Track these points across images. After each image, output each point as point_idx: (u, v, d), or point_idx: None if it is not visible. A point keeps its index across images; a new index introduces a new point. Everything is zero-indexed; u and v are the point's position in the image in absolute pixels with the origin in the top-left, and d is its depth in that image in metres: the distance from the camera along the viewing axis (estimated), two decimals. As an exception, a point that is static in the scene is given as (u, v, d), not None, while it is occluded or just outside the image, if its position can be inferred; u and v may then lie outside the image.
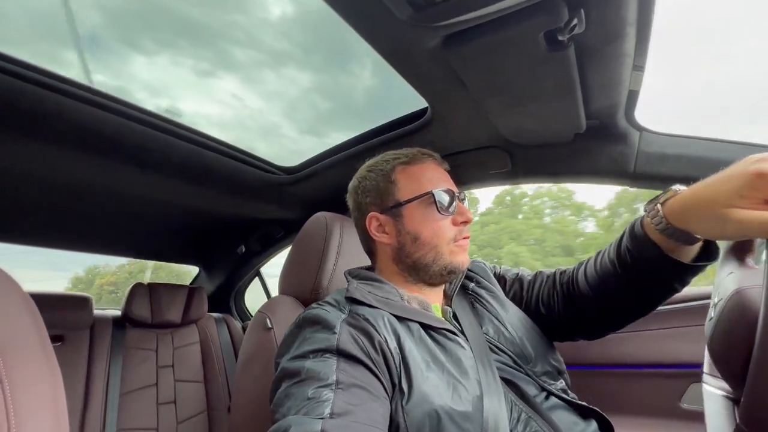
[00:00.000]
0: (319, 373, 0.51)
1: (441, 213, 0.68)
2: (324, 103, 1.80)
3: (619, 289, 0.62)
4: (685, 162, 0.87)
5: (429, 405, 0.53)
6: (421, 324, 0.62)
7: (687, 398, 0.87)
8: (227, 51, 1.41)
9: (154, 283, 1.63)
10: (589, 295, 0.66)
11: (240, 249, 1.72)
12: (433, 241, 0.68)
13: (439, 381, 0.55)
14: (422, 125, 0.97)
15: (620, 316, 0.67)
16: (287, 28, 1.30)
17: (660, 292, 0.60)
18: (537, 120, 0.87)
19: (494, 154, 1.04)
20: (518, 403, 0.58)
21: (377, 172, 0.73)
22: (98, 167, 1.06)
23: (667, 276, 0.56)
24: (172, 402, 1.48)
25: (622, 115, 0.87)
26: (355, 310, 0.62)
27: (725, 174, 0.46)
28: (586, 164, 0.96)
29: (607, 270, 0.62)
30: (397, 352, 0.57)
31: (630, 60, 0.71)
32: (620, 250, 0.59)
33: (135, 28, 1.19)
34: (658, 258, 0.54)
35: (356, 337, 0.56)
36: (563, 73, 0.70)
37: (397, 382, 0.55)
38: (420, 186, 0.69)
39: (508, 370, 0.62)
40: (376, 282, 0.69)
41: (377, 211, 0.71)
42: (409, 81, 0.81)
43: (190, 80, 1.42)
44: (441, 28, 0.63)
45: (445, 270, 0.68)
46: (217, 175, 1.21)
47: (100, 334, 1.42)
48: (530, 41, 0.63)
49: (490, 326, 0.70)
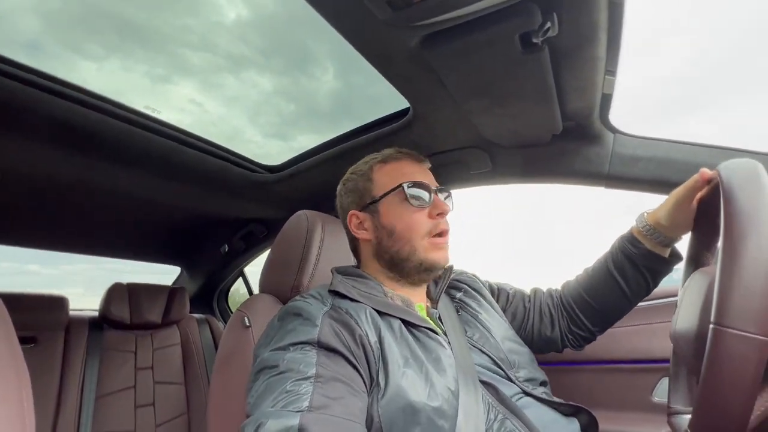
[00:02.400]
0: (298, 366, 0.51)
1: (413, 206, 0.69)
2: (288, 107, 1.80)
3: (612, 288, 0.74)
4: (656, 164, 0.90)
5: (404, 400, 0.53)
6: (403, 321, 0.63)
7: (657, 392, 0.90)
8: (182, 55, 1.39)
9: (133, 284, 1.60)
10: (587, 300, 0.77)
11: (223, 248, 1.70)
12: (407, 235, 0.68)
13: (416, 377, 0.55)
14: (404, 125, 0.98)
15: (611, 315, 0.77)
16: (243, 31, 1.30)
17: (644, 286, 0.72)
18: (515, 121, 0.89)
19: (475, 155, 1.06)
20: (495, 404, 0.59)
21: (358, 173, 0.76)
22: (75, 164, 1.04)
23: (652, 270, 0.71)
24: (151, 404, 1.45)
25: (596, 117, 0.90)
26: (338, 303, 0.62)
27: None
28: (564, 165, 0.99)
29: (602, 274, 0.75)
30: (377, 347, 0.57)
31: (602, 63, 0.74)
32: (614, 256, 0.74)
33: (79, 33, 1.17)
34: (646, 255, 0.69)
35: (337, 330, 0.56)
36: (539, 75, 0.72)
37: (375, 376, 0.55)
38: (393, 181, 0.71)
39: (487, 374, 0.64)
40: (360, 278, 0.70)
41: (356, 208, 0.74)
42: (391, 81, 0.82)
43: (144, 86, 1.39)
44: (420, 28, 0.64)
45: (422, 266, 0.69)
46: (199, 172, 1.20)
47: (75, 336, 1.38)
48: (506, 43, 0.64)
49: (475, 331, 0.71)
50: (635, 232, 0.71)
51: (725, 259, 0.40)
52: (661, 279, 0.72)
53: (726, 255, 0.40)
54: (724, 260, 0.40)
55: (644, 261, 0.70)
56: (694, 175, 0.61)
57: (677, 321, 0.54)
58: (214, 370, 0.77)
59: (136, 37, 1.24)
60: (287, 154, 1.27)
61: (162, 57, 1.37)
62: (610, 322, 0.77)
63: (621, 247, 0.73)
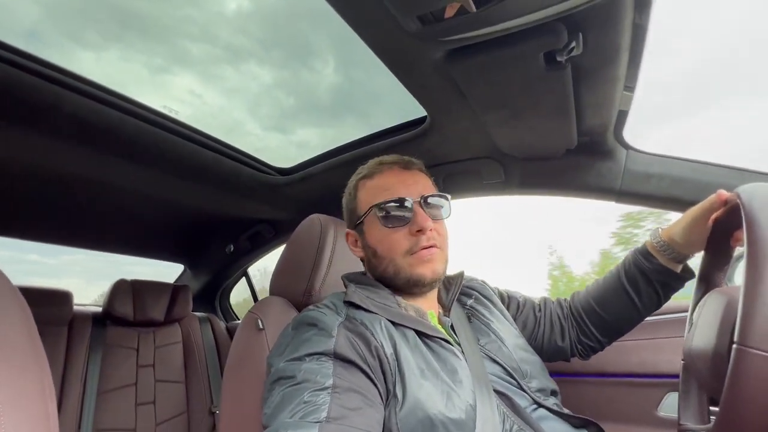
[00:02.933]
0: (315, 377, 0.51)
1: (387, 227, 0.66)
2: (288, 100, 1.78)
3: (624, 300, 0.74)
4: (668, 182, 0.91)
5: (422, 412, 0.53)
6: (417, 331, 0.63)
7: (663, 407, 0.90)
8: (181, 46, 1.38)
9: (137, 281, 1.59)
10: (597, 311, 0.77)
11: (229, 248, 1.70)
12: (389, 255, 0.67)
13: (433, 389, 0.55)
14: (420, 133, 0.99)
15: (621, 327, 0.77)
16: (244, 23, 1.29)
17: (656, 299, 0.73)
18: (532, 134, 0.90)
19: (488, 165, 1.07)
20: (510, 414, 0.59)
21: (348, 189, 0.76)
22: (92, 160, 1.04)
23: (664, 284, 0.71)
24: (152, 402, 1.45)
25: (611, 134, 0.92)
26: (353, 314, 0.62)
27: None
28: (576, 179, 1.00)
29: (614, 286, 0.76)
30: (393, 358, 0.57)
31: (621, 82, 0.75)
32: (627, 268, 0.74)
33: (78, 22, 1.16)
34: (659, 270, 0.70)
35: (353, 341, 0.56)
36: (559, 91, 0.73)
37: (391, 388, 0.55)
38: (374, 198, 0.68)
39: (501, 383, 0.64)
40: (373, 287, 0.70)
41: (350, 227, 0.75)
42: (411, 90, 0.83)
43: (142, 76, 1.38)
44: (446, 43, 0.65)
45: (409, 282, 0.67)
46: (212, 173, 1.20)
47: (78, 331, 1.38)
48: (530, 60, 0.65)
49: (487, 339, 0.71)
50: (649, 246, 0.71)
51: (749, 281, 0.41)
52: (672, 293, 0.73)
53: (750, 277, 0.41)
54: (748, 282, 0.41)
55: (657, 275, 0.71)
56: (711, 195, 0.62)
57: (693, 339, 0.55)
58: (226, 372, 0.77)
59: (135, 26, 1.23)
60: (287, 147, 1.27)
61: (162, 47, 1.36)
62: (620, 333, 0.78)
63: (634, 261, 0.73)
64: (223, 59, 1.48)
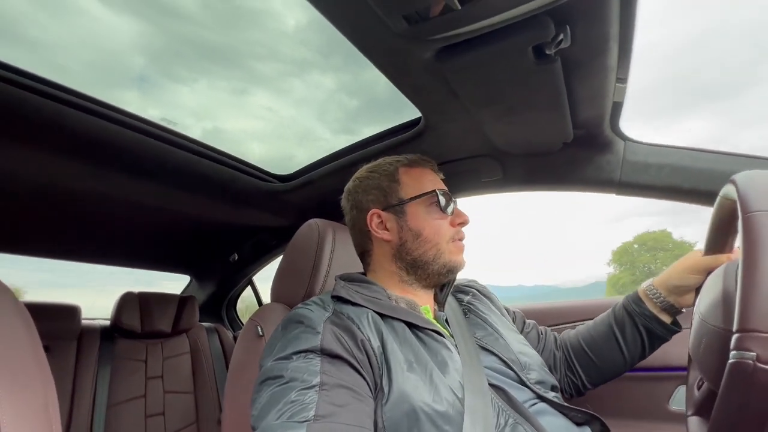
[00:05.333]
0: (302, 375, 0.50)
1: (442, 212, 0.72)
2: (351, 102, 1.82)
3: (610, 343, 0.77)
4: (668, 171, 0.90)
5: (408, 404, 0.52)
6: (408, 323, 0.62)
7: (674, 400, 0.89)
8: (254, 68, 1.43)
9: (144, 293, 1.61)
10: (585, 351, 0.79)
11: (233, 257, 1.71)
12: (434, 239, 0.71)
13: (419, 381, 0.55)
14: (416, 134, 0.99)
15: (606, 371, 0.78)
16: (303, 36, 1.34)
17: (641, 346, 0.75)
18: (527, 129, 0.90)
19: (486, 163, 1.07)
20: (505, 408, 0.58)
21: (380, 172, 0.76)
22: (93, 175, 1.06)
23: (650, 331, 0.73)
24: (161, 414, 1.45)
25: (607, 125, 0.91)
26: (340, 308, 0.63)
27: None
28: (574, 173, 0.99)
29: (603, 328, 0.78)
30: (380, 351, 0.57)
31: (613, 73, 0.74)
32: (616, 312, 0.78)
33: (172, 63, 1.22)
34: (646, 315, 0.73)
35: (339, 336, 0.56)
36: (551, 85, 0.73)
37: (378, 381, 0.55)
38: (423, 186, 0.74)
39: (497, 376, 0.63)
40: (364, 283, 0.70)
41: (379, 208, 0.73)
42: (404, 92, 0.83)
43: (227, 100, 1.45)
44: (434, 42, 0.66)
45: (445, 268, 0.71)
46: (212, 183, 1.21)
47: (87, 345, 1.39)
48: (519, 55, 0.65)
49: (483, 332, 0.71)
50: (641, 292, 0.75)
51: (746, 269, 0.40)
52: (658, 344, 0.75)
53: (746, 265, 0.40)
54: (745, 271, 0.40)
55: (643, 320, 0.73)
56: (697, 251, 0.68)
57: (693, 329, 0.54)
58: (228, 380, 0.77)
59: (216, 57, 1.28)
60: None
61: (238, 71, 1.41)
62: (604, 378, 0.79)
63: (625, 304, 0.77)
64: (290, 73, 1.54)
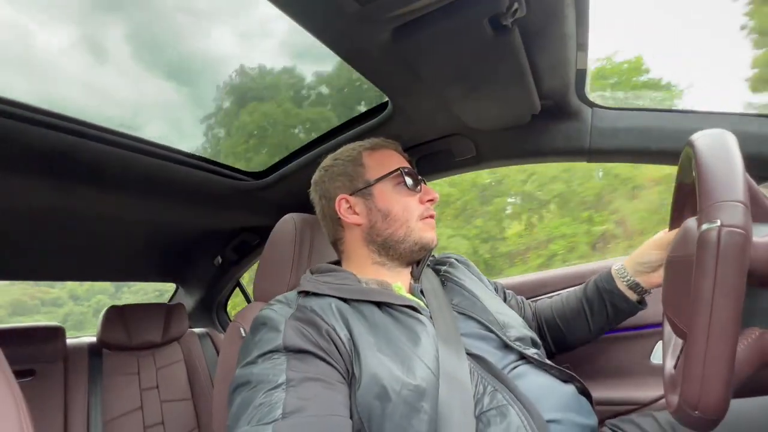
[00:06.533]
0: (268, 376, 0.50)
1: (409, 189, 0.73)
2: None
3: (579, 316, 0.80)
4: (636, 134, 0.91)
5: (378, 386, 0.52)
6: (378, 303, 0.62)
7: (655, 355, 0.92)
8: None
9: (129, 305, 1.57)
10: (556, 321, 0.84)
11: (216, 260, 1.68)
12: (403, 216, 0.71)
13: (390, 362, 0.54)
14: (385, 119, 0.98)
15: (572, 341, 0.83)
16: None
17: (605, 320, 0.79)
18: (494, 104, 0.89)
19: (458, 142, 1.07)
20: (484, 376, 0.57)
21: (344, 158, 0.77)
22: (53, 190, 1.01)
23: (615, 307, 0.77)
24: (160, 423, 1.44)
25: (573, 94, 0.91)
26: (303, 303, 0.62)
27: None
28: (545, 144, 0.99)
29: (574, 301, 0.82)
30: (348, 338, 0.57)
31: (573, 40, 0.74)
32: (588, 287, 0.81)
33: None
34: (614, 292, 0.76)
35: (302, 329, 0.56)
36: (512, 56, 0.72)
37: (350, 368, 0.55)
38: (388, 166, 0.74)
39: (476, 344, 0.63)
40: (333, 272, 0.70)
41: (347, 193, 0.74)
42: (366, 76, 0.81)
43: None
44: (389, 21, 0.64)
45: (416, 246, 0.72)
46: (182, 187, 1.18)
47: (75, 364, 1.36)
48: (476, 28, 0.64)
49: (460, 298, 0.72)
50: (612, 271, 0.78)
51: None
52: (621, 318, 0.79)
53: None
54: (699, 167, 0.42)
55: (610, 297, 0.77)
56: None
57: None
58: (216, 385, 0.77)
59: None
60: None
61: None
62: (567, 347, 0.84)
63: (596, 280, 0.80)
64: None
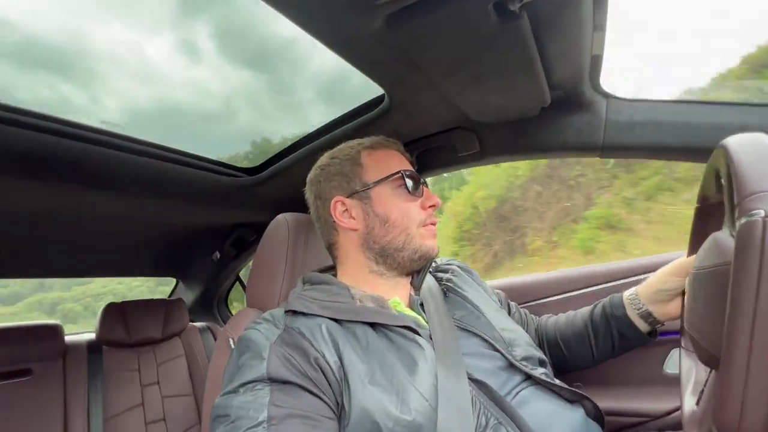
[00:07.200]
0: (247, 412, 0.46)
1: (410, 194, 0.67)
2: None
3: (582, 340, 0.75)
4: (652, 128, 0.84)
5: (369, 422, 0.48)
6: (374, 325, 0.57)
7: (669, 364, 0.87)
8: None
9: (128, 301, 1.56)
10: (558, 342, 0.79)
11: (215, 256, 1.66)
12: (403, 223, 0.65)
13: (382, 394, 0.50)
14: (381, 113, 0.92)
15: (572, 365, 0.78)
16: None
17: (609, 349, 0.73)
18: (499, 96, 0.82)
19: (461, 136, 1.00)
20: (487, 405, 0.53)
21: (342, 157, 0.71)
22: (53, 192, 0.98)
23: (623, 336, 0.71)
24: (162, 419, 1.45)
25: (587, 83, 0.84)
26: (291, 323, 0.57)
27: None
28: (555, 138, 0.92)
29: (579, 324, 0.76)
30: (338, 366, 0.52)
31: (589, 24, 0.67)
32: (595, 310, 0.75)
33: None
34: (623, 320, 0.70)
35: (288, 356, 0.51)
36: (519, 45, 0.65)
37: (339, 399, 0.51)
38: (388, 168, 0.68)
39: (480, 365, 0.59)
40: (326, 284, 0.65)
41: (343, 195, 0.68)
42: (359, 68, 0.75)
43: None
44: (382, 7, 0.57)
45: (416, 254, 0.66)
46: (178, 185, 1.14)
47: (74, 362, 1.36)
48: (479, 14, 0.57)
49: (462, 312, 0.67)
50: (624, 298, 0.72)
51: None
52: (628, 348, 0.72)
53: None
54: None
55: (618, 324, 0.71)
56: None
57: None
58: (205, 397, 0.74)
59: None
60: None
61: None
62: (567, 370, 0.79)
63: (604, 305, 0.74)
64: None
